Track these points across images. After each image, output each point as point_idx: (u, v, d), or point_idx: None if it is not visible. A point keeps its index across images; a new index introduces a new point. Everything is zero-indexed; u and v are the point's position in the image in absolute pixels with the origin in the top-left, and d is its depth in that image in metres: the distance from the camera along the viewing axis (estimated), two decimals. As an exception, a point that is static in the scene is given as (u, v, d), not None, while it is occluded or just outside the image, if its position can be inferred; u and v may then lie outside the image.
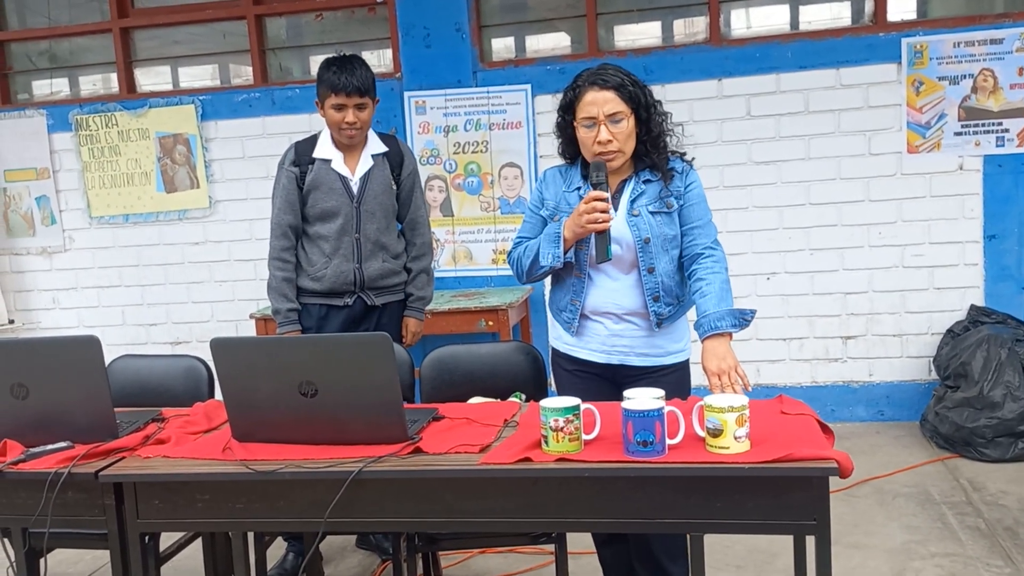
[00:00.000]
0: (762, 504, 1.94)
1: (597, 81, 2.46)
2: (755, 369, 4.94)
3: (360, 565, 3.49)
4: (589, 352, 2.60)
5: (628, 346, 2.56)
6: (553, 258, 2.49)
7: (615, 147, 2.46)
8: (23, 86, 5.64)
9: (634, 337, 2.56)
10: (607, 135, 2.44)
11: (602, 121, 2.44)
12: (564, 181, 2.61)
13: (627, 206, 2.52)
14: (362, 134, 3.28)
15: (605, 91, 2.45)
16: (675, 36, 5.02)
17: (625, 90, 2.46)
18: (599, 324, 2.57)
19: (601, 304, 2.55)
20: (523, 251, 2.60)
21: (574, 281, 2.56)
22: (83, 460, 2.20)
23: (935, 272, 4.75)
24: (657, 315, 2.53)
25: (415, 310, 3.48)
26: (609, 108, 2.44)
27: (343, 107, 3.18)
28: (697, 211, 2.54)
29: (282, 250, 3.31)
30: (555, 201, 2.59)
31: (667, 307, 2.54)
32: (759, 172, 4.82)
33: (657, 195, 2.52)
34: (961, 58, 4.60)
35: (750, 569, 3.24)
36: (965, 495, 3.84)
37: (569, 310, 2.58)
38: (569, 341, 2.63)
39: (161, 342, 5.49)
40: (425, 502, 2.08)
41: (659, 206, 2.51)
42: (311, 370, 2.14)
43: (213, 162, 5.30)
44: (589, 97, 2.46)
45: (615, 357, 2.57)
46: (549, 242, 2.50)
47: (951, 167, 4.67)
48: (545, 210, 2.62)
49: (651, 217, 2.50)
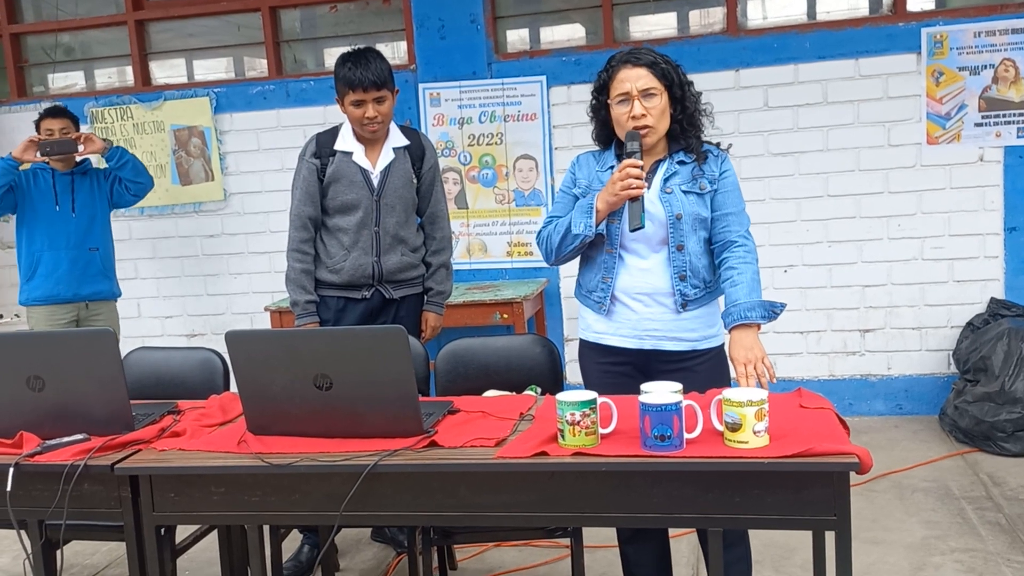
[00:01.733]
0: (781, 499, 1.93)
1: (630, 59, 2.51)
2: (772, 362, 4.89)
3: (375, 558, 3.49)
4: (620, 338, 2.57)
5: (659, 330, 2.54)
6: (585, 227, 2.47)
7: (649, 121, 2.47)
8: (38, 79, 5.66)
9: (664, 320, 2.53)
10: (641, 109, 2.46)
11: (636, 96, 2.46)
12: (597, 163, 2.63)
13: (660, 184, 2.53)
14: (384, 127, 3.26)
15: (638, 68, 2.49)
16: (691, 27, 4.99)
17: (658, 67, 2.49)
18: (629, 309, 2.55)
19: (631, 284, 2.53)
20: (553, 228, 2.59)
21: (605, 258, 2.55)
22: (99, 452, 2.20)
23: (955, 265, 4.70)
24: (683, 295, 2.51)
25: (435, 304, 3.47)
26: (642, 84, 2.47)
27: (362, 103, 3.16)
28: (731, 198, 2.55)
29: (301, 242, 3.29)
30: (588, 180, 2.61)
31: (693, 288, 2.53)
32: (777, 164, 4.78)
33: (691, 176, 2.53)
34: (982, 48, 4.54)
35: (767, 564, 3.22)
36: (985, 490, 3.80)
37: (600, 289, 2.57)
38: (599, 329, 2.60)
39: (176, 334, 5.50)
40: (440, 495, 2.07)
41: (692, 186, 2.52)
42: (326, 363, 2.14)
43: (228, 155, 5.31)
44: (622, 74, 2.49)
45: (647, 342, 2.55)
46: (582, 212, 2.50)
47: (971, 158, 4.62)
48: (577, 189, 2.62)
49: (684, 196, 2.51)
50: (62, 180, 4.44)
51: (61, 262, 4.41)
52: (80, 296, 4.46)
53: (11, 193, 4.34)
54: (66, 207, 4.42)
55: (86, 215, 4.47)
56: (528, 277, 5.03)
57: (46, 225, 4.40)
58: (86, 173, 4.52)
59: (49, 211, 4.40)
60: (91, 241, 4.48)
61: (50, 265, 4.41)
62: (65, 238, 4.41)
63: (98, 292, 4.53)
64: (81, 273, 4.44)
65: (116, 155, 4.46)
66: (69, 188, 4.45)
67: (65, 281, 4.41)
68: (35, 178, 4.42)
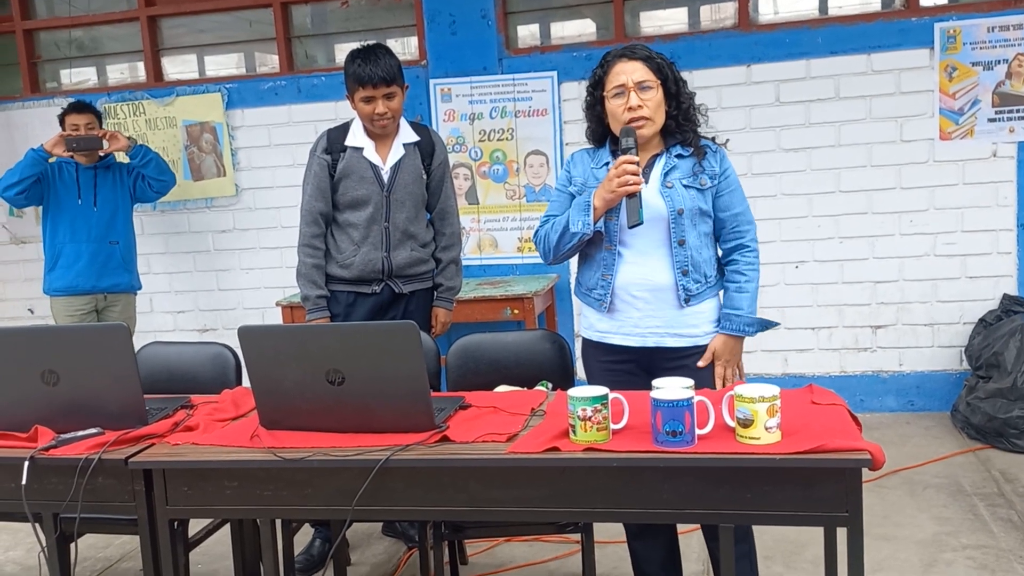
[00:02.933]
0: (793, 495, 1.92)
1: (625, 54, 2.53)
2: (783, 358, 4.91)
3: (386, 552, 3.50)
4: (623, 337, 2.57)
5: (661, 327, 2.54)
6: (584, 225, 2.48)
7: (646, 112, 2.47)
8: (51, 75, 5.69)
9: (666, 316, 2.54)
10: (637, 100, 2.47)
11: (631, 88, 2.47)
12: (592, 160, 2.63)
13: (660, 178, 2.53)
14: (395, 123, 3.27)
15: (633, 61, 2.51)
16: (702, 21, 4.97)
17: (652, 61, 2.51)
18: (631, 306, 2.55)
19: (632, 280, 2.53)
20: (551, 227, 2.60)
21: (604, 255, 2.55)
22: (113, 446, 2.22)
23: (967, 261, 4.68)
24: (685, 290, 2.52)
25: (444, 300, 3.48)
26: (638, 76, 2.48)
27: (372, 99, 3.17)
28: (737, 197, 2.58)
29: (312, 237, 3.31)
30: (583, 178, 2.61)
31: (695, 283, 2.53)
32: (788, 159, 4.77)
33: (691, 171, 2.53)
34: (995, 43, 4.51)
35: (778, 560, 3.22)
36: (997, 486, 3.78)
37: (600, 286, 2.57)
38: (601, 328, 2.61)
39: (189, 329, 5.53)
40: (452, 491, 2.07)
41: (693, 181, 2.52)
42: (338, 358, 2.14)
43: (239, 150, 5.32)
44: (618, 68, 2.51)
45: (650, 339, 2.55)
46: (579, 210, 2.50)
47: (984, 154, 4.59)
48: (573, 187, 2.62)
49: (684, 190, 2.51)
50: (85, 174, 4.53)
51: (82, 254, 4.51)
52: (99, 288, 4.54)
53: (38, 185, 4.45)
54: (88, 201, 4.49)
55: (108, 209, 4.56)
56: (539, 272, 5.03)
57: (69, 218, 4.51)
58: (109, 168, 4.60)
59: (72, 204, 4.50)
60: (112, 235, 4.56)
61: (71, 257, 4.51)
62: (87, 231, 4.51)
63: (116, 284, 4.61)
64: (102, 266, 4.54)
65: (140, 153, 4.59)
66: (92, 182, 4.53)
67: (85, 273, 4.52)
68: (59, 171, 4.53)
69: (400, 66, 3.22)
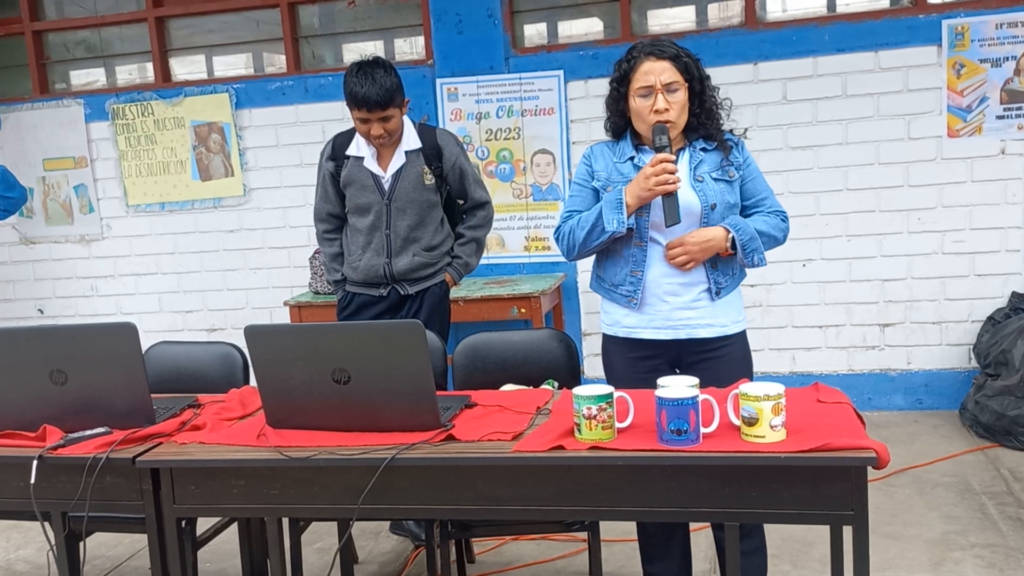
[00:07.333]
0: (799, 494, 1.92)
1: (654, 51, 2.48)
2: (791, 357, 4.90)
3: (394, 551, 3.51)
4: (654, 331, 2.55)
5: (693, 318, 2.53)
6: (618, 223, 2.45)
7: (671, 116, 2.46)
8: (61, 76, 5.71)
9: (698, 308, 2.53)
10: (664, 103, 2.45)
11: (659, 90, 2.45)
12: (614, 154, 2.60)
13: (690, 172, 2.52)
14: (391, 139, 3.29)
15: (662, 60, 2.47)
16: (710, 20, 4.96)
17: (680, 61, 2.48)
18: (662, 300, 2.53)
19: (663, 276, 2.52)
20: (576, 223, 2.56)
21: (634, 252, 2.53)
22: (121, 445, 2.23)
23: (976, 258, 4.66)
24: (716, 283, 2.52)
25: (454, 269, 3.50)
26: (666, 77, 2.45)
27: (367, 120, 3.19)
28: (760, 184, 2.61)
29: (325, 232, 3.51)
30: (607, 172, 2.58)
31: (725, 276, 2.54)
32: (796, 157, 4.75)
33: (718, 164, 2.53)
34: (1004, 40, 4.49)
35: (785, 558, 3.21)
36: (1006, 485, 3.77)
37: (629, 282, 2.54)
38: (629, 323, 2.57)
39: (197, 329, 5.55)
40: (458, 489, 2.08)
41: (722, 174, 2.53)
42: (344, 357, 2.15)
43: (247, 150, 5.34)
44: (646, 67, 2.47)
45: (682, 332, 2.53)
46: (611, 208, 2.46)
47: (993, 151, 4.57)
48: (596, 181, 2.59)
49: (714, 183, 2.51)
50: None
51: None
52: None
53: None
54: None
55: None
56: (546, 271, 5.03)
57: None
58: None
59: None
60: None
61: None
62: None
63: None
64: None
65: None
66: None
67: None
68: None
69: (399, 85, 3.20)
